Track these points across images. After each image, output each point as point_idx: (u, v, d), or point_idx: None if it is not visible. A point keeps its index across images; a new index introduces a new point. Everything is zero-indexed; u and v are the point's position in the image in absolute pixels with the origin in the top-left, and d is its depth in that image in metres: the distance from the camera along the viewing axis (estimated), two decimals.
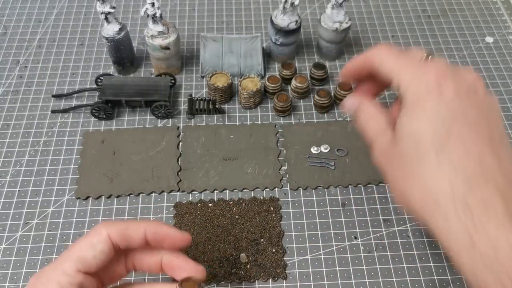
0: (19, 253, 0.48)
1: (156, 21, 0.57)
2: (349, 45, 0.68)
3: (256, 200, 0.49)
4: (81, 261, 0.32)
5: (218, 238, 0.46)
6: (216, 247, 0.46)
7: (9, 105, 0.60)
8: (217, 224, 0.47)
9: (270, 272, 0.44)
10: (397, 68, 0.33)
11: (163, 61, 0.61)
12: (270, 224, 0.48)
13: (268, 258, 0.45)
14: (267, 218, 0.48)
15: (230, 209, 0.48)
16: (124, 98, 0.58)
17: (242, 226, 0.47)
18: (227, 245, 0.46)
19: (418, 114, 0.30)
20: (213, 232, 0.47)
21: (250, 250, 0.46)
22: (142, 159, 0.55)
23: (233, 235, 0.47)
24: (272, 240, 0.46)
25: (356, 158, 0.55)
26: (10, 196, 0.52)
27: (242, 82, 0.59)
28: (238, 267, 0.44)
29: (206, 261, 0.45)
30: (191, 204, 0.49)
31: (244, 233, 0.47)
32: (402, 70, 0.33)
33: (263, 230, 0.47)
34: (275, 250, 0.45)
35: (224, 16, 0.73)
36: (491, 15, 0.73)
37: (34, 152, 0.56)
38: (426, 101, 0.30)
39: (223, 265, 0.45)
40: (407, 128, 0.31)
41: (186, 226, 0.47)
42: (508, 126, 0.59)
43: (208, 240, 0.46)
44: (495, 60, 0.67)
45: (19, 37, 0.69)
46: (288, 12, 0.60)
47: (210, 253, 0.45)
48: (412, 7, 0.75)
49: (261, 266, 0.45)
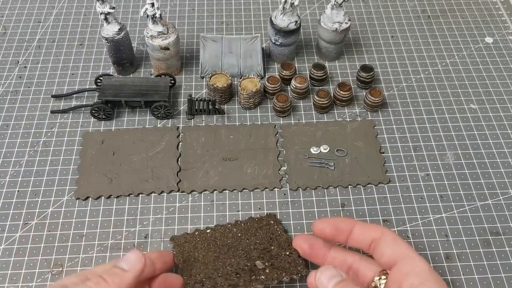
0: (18, 253, 0.48)
1: (155, 22, 0.57)
2: (349, 46, 0.68)
3: (253, 219, 0.48)
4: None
5: (227, 255, 0.43)
6: (228, 262, 0.43)
7: (8, 106, 0.60)
8: (221, 244, 0.45)
9: (292, 271, 0.41)
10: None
11: (163, 62, 0.61)
12: (276, 234, 0.46)
13: (285, 260, 0.43)
14: (270, 230, 0.46)
15: (230, 231, 0.46)
16: (124, 98, 0.58)
17: (247, 241, 0.45)
18: (238, 258, 0.43)
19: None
20: (219, 251, 0.44)
21: (264, 257, 0.43)
22: (141, 159, 0.55)
23: (241, 249, 0.44)
24: (283, 246, 0.44)
25: (355, 159, 0.55)
26: (9, 196, 0.52)
27: (242, 82, 0.59)
28: (257, 273, 0.41)
29: (221, 276, 0.41)
30: (188, 234, 0.47)
31: (252, 246, 0.44)
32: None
33: (270, 240, 0.45)
34: (289, 252, 0.43)
35: (224, 17, 0.73)
36: (491, 16, 0.73)
37: (34, 153, 0.56)
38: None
39: (241, 275, 0.41)
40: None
41: (188, 253, 0.44)
42: (508, 126, 0.59)
43: (216, 258, 0.43)
44: (494, 61, 0.67)
45: (19, 37, 0.69)
46: (288, 12, 0.60)
47: (223, 268, 0.42)
48: (411, 7, 0.75)
49: (280, 268, 0.42)
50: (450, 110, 0.61)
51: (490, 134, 0.58)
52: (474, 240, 0.49)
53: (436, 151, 0.57)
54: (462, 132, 0.58)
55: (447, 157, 0.56)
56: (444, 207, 0.51)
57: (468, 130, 0.59)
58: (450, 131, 0.58)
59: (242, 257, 0.43)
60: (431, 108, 0.61)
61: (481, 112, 0.61)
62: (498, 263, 0.47)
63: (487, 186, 0.53)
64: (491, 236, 0.49)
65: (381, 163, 0.55)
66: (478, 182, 0.54)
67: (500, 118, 0.60)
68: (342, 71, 0.65)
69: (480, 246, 0.49)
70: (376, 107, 0.60)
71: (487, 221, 0.50)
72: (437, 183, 0.54)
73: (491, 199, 0.52)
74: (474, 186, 0.53)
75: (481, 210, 0.51)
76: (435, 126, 0.59)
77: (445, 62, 0.67)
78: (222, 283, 0.40)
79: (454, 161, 0.56)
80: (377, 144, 0.57)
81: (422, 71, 0.65)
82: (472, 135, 0.58)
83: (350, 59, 0.67)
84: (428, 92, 0.63)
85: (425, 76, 0.65)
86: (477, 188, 0.53)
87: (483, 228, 0.50)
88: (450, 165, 0.55)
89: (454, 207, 0.52)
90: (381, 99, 0.59)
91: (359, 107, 0.61)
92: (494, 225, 0.50)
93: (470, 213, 0.51)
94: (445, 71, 0.65)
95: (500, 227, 0.50)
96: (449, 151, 0.57)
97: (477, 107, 0.61)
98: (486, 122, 0.59)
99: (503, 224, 0.50)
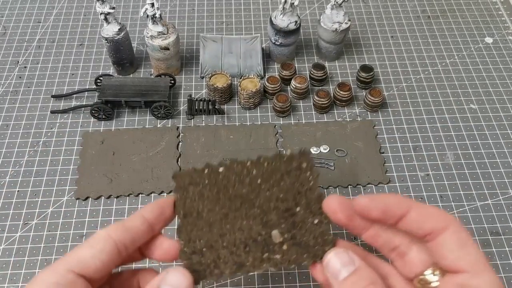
0: (18, 253, 0.48)
1: (155, 22, 0.57)
2: (349, 46, 0.68)
3: (281, 158, 0.35)
4: (78, 261, 0.29)
5: (238, 213, 0.33)
6: (237, 226, 0.33)
7: (8, 106, 0.60)
8: (234, 195, 0.34)
9: (316, 252, 0.31)
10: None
11: (163, 62, 0.61)
12: (306, 186, 0.34)
13: (310, 232, 0.32)
14: (300, 179, 0.34)
15: (248, 173, 0.34)
16: (124, 98, 0.58)
17: (267, 193, 0.34)
18: (251, 221, 0.33)
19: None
20: (230, 206, 0.33)
21: (284, 224, 0.33)
22: (141, 159, 0.55)
23: (257, 206, 0.33)
24: (311, 208, 0.33)
25: (355, 159, 0.55)
26: (9, 196, 0.52)
27: (242, 82, 0.59)
28: (271, 249, 0.32)
29: (226, 246, 0.32)
30: (196, 172, 0.34)
31: (272, 203, 0.33)
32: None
33: (297, 195, 0.34)
34: (318, 220, 0.32)
35: (224, 17, 0.73)
36: (491, 16, 0.73)
37: (34, 153, 0.56)
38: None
39: (250, 249, 0.32)
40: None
41: (192, 201, 0.34)
42: (507, 126, 0.59)
43: (225, 217, 0.33)
44: (494, 61, 0.67)
45: (19, 37, 0.69)
46: (288, 12, 0.60)
47: (230, 235, 0.32)
48: (411, 7, 0.75)
49: (302, 245, 0.32)
50: (450, 110, 0.61)
51: (490, 134, 0.58)
52: (474, 240, 0.49)
53: (436, 151, 0.57)
54: (462, 132, 0.58)
55: (447, 157, 0.56)
56: (444, 207, 0.52)
57: (468, 130, 0.59)
58: (450, 131, 0.58)
59: (257, 219, 0.33)
60: (431, 108, 0.61)
61: (481, 112, 0.61)
62: (498, 263, 0.47)
63: (487, 186, 0.53)
64: (491, 236, 0.49)
65: (381, 163, 0.55)
66: (478, 182, 0.54)
67: (500, 118, 0.60)
68: (342, 71, 0.65)
69: (480, 246, 0.48)
70: (376, 107, 0.60)
71: (487, 221, 0.50)
72: (437, 183, 0.54)
73: (491, 199, 0.52)
74: (474, 186, 0.53)
75: (481, 210, 0.51)
76: (435, 126, 0.59)
77: (445, 62, 0.67)
78: (225, 258, 0.31)
79: (454, 161, 0.56)
80: (377, 144, 0.57)
81: (422, 71, 0.65)
82: (472, 135, 0.58)
83: (350, 59, 0.67)
84: (428, 92, 0.63)
85: (425, 76, 0.65)
86: (477, 188, 0.53)
87: (483, 228, 0.50)
88: (450, 165, 0.55)
89: (454, 207, 0.52)
90: (381, 99, 0.59)
91: (359, 107, 0.61)
92: (494, 225, 0.50)
93: (470, 213, 0.51)
94: (445, 71, 0.65)
95: (500, 227, 0.50)
96: (449, 151, 0.57)
97: (477, 107, 0.61)
98: (486, 122, 0.60)
99: (503, 224, 0.50)
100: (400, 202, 0.30)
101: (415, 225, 0.29)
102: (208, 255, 0.31)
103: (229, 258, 0.31)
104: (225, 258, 0.31)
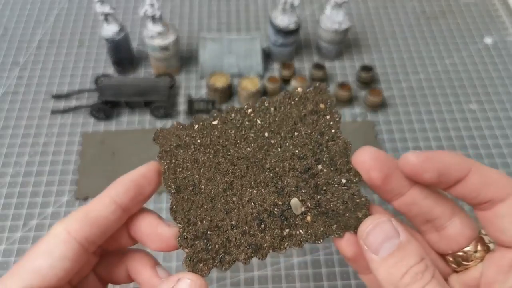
0: (19, 253, 0.48)
1: (155, 22, 0.57)
2: (349, 46, 0.68)
3: (291, 97, 0.27)
4: (34, 274, 0.22)
5: (246, 180, 0.25)
6: (247, 197, 0.25)
7: (9, 106, 0.60)
8: (237, 157, 0.26)
9: (348, 222, 0.24)
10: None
11: (163, 62, 0.61)
12: (327, 135, 0.26)
13: (338, 196, 0.25)
14: (318, 126, 0.26)
15: (251, 124, 0.26)
16: (124, 98, 0.58)
17: (279, 149, 0.26)
18: (263, 189, 0.25)
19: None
20: (234, 171, 0.26)
21: (305, 190, 0.25)
22: (141, 160, 0.54)
23: (268, 169, 0.25)
24: (336, 164, 0.25)
25: None
26: (10, 196, 0.52)
27: (242, 82, 0.60)
28: (292, 224, 0.25)
29: (236, 225, 0.25)
30: (183, 129, 0.26)
31: (286, 162, 0.26)
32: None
33: (317, 149, 0.26)
34: (346, 179, 0.25)
35: (224, 17, 0.73)
36: (490, 17, 0.73)
37: (34, 153, 0.56)
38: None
39: (267, 226, 0.25)
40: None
41: (184, 170, 0.25)
42: (506, 127, 0.59)
43: (229, 187, 0.25)
44: (493, 62, 0.67)
45: (19, 38, 0.69)
46: (288, 12, 0.60)
47: (239, 210, 0.25)
48: (411, 8, 0.75)
49: (330, 213, 0.25)
50: (450, 110, 0.61)
51: (489, 134, 0.58)
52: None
53: None
54: (461, 132, 0.59)
55: None
56: None
57: (467, 131, 0.59)
58: (449, 132, 0.59)
59: (269, 186, 0.25)
60: (430, 109, 0.61)
61: (480, 112, 0.61)
62: None
63: None
64: None
65: None
66: None
67: (499, 119, 0.60)
68: (342, 71, 0.65)
69: None
70: (376, 108, 0.60)
71: None
72: None
73: None
74: None
75: None
76: (434, 126, 0.59)
77: (444, 63, 0.67)
78: (237, 241, 0.24)
79: None
80: (377, 145, 0.57)
81: (421, 71, 0.66)
82: (471, 136, 0.58)
83: (350, 59, 0.67)
84: (428, 92, 0.63)
85: (424, 77, 0.65)
86: None
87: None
88: None
89: None
90: (381, 99, 0.59)
91: (359, 107, 0.61)
92: None
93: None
94: (444, 72, 0.65)
95: None
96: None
97: (476, 108, 0.61)
98: (485, 122, 0.60)
99: None
100: (460, 163, 0.23)
101: (473, 191, 0.24)
102: (214, 238, 0.24)
103: (242, 240, 0.24)
104: (236, 241, 0.24)
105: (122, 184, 0.25)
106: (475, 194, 0.24)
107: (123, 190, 0.25)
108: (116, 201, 0.25)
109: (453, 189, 0.24)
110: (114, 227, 0.25)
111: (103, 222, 0.24)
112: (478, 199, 0.24)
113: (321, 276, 0.46)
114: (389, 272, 0.22)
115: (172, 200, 0.25)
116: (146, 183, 0.25)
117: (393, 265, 0.22)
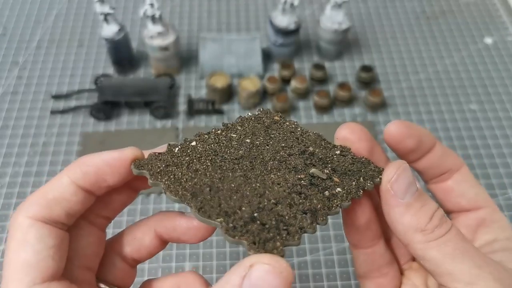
0: None
1: (155, 22, 0.57)
2: (349, 46, 0.68)
3: (248, 119, 0.28)
4: (23, 270, 0.20)
5: (258, 171, 0.25)
6: (270, 181, 0.24)
7: (8, 106, 0.60)
8: (234, 157, 0.26)
9: (369, 173, 0.25)
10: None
11: (162, 62, 0.61)
12: (297, 132, 0.28)
13: (344, 161, 0.26)
14: (284, 127, 0.28)
15: (228, 137, 0.27)
16: (124, 98, 0.58)
17: (267, 147, 0.26)
18: (278, 172, 0.25)
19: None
20: (240, 167, 0.25)
21: (314, 163, 0.26)
22: None
23: (271, 159, 0.26)
24: (321, 144, 0.27)
25: None
26: (9, 196, 0.52)
27: (241, 82, 0.59)
28: (328, 185, 0.24)
29: (278, 202, 0.23)
30: (162, 154, 0.25)
31: (281, 152, 0.26)
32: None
33: (296, 140, 0.27)
34: (340, 151, 0.26)
35: (224, 17, 0.73)
36: (490, 17, 0.73)
37: (33, 153, 0.56)
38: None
39: (307, 193, 0.24)
40: None
41: (191, 179, 0.24)
42: (506, 127, 0.59)
43: (245, 179, 0.24)
44: (493, 62, 0.67)
45: (19, 38, 0.69)
46: (288, 12, 0.60)
47: (270, 192, 0.24)
48: (411, 8, 0.75)
49: (349, 173, 0.25)
50: (450, 111, 0.61)
51: (489, 134, 0.58)
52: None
53: None
54: (461, 132, 0.59)
55: None
56: None
57: (467, 131, 0.59)
58: (449, 132, 0.59)
59: (283, 170, 0.25)
60: (430, 109, 0.61)
61: (480, 113, 0.61)
62: None
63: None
64: None
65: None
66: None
67: (499, 119, 0.60)
68: (342, 71, 0.65)
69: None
70: (376, 108, 0.60)
71: None
72: None
73: None
74: None
75: None
76: (434, 126, 0.59)
77: (444, 63, 0.67)
78: (290, 213, 0.22)
79: None
80: None
81: (421, 71, 0.66)
82: (471, 136, 0.58)
83: (350, 59, 0.67)
84: (428, 92, 0.63)
85: (424, 77, 0.65)
86: None
87: None
88: None
89: None
90: (381, 99, 0.59)
91: (359, 108, 0.61)
92: None
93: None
94: (444, 72, 0.65)
95: None
96: None
97: (476, 108, 0.61)
98: (485, 122, 0.60)
99: None
100: (429, 134, 0.26)
101: (437, 162, 0.26)
102: (265, 218, 0.22)
103: (293, 210, 0.23)
104: (289, 213, 0.23)
105: (82, 167, 0.22)
106: (438, 164, 0.26)
107: (81, 174, 0.22)
108: (75, 182, 0.22)
109: (421, 161, 0.26)
110: (79, 209, 0.22)
111: (66, 204, 0.22)
112: (442, 168, 0.26)
113: (321, 276, 0.46)
114: (417, 216, 0.22)
115: (194, 205, 0.23)
116: (109, 172, 0.23)
117: (419, 209, 0.22)
